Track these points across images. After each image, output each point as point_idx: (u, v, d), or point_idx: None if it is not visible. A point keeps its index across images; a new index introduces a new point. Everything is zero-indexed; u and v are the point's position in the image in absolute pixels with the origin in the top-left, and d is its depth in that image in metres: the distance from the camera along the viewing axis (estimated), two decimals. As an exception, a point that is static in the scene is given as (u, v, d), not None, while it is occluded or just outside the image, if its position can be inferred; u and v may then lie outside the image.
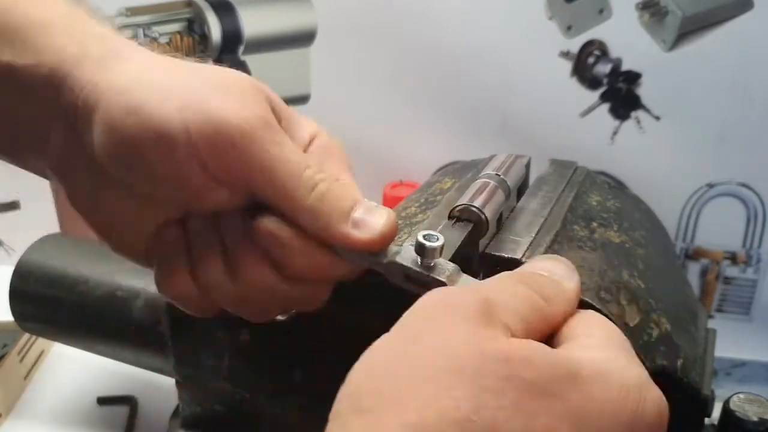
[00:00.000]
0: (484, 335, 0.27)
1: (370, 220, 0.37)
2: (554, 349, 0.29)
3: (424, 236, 0.36)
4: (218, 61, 0.89)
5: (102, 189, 0.39)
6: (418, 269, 0.36)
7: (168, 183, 0.37)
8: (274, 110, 0.39)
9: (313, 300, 0.41)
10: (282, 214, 0.37)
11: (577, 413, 0.26)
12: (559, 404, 0.26)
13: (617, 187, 0.61)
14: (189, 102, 0.36)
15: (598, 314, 0.32)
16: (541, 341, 0.29)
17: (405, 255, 0.37)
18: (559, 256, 0.35)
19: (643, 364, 0.30)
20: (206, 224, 0.39)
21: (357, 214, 0.37)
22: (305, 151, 0.40)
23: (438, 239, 0.36)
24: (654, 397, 0.28)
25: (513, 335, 0.28)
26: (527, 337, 0.29)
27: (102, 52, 0.37)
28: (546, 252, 0.42)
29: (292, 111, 0.41)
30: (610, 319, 0.38)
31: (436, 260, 0.36)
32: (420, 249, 0.36)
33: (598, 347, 0.29)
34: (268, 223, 0.37)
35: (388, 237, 0.37)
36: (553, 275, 0.32)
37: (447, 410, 0.24)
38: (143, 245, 0.41)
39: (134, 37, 0.89)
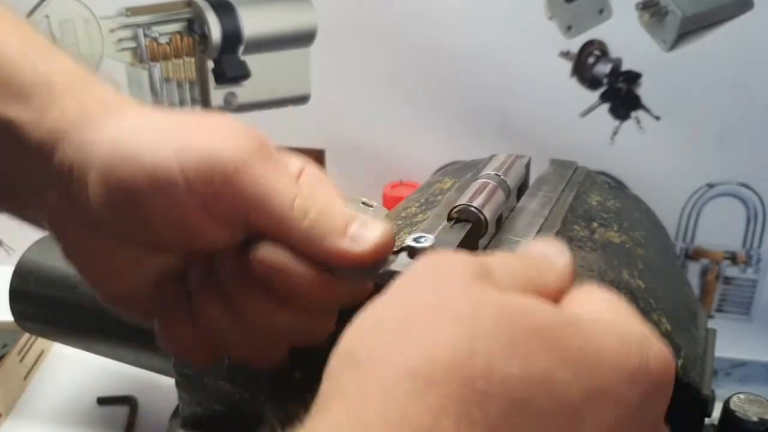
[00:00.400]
0: (479, 289, 0.27)
1: (365, 233, 0.37)
2: (552, 304, 0.28)
3: (414, 239, 0.36)
4: (218, 61, 0.89)
5: (98, 243, 0.39)
6: None
7: (167, 228, 0.37)
8: (262, 146, 0.39)
9: (318, 332, 0.41)
10: (279, 243, 0.37)
11: (577, 359, 0.25)
12: (558, 349, 0.25)
13: (617, 187, 0.61)
14: (182, 144, 0.37)
15: (596, 286, 0.31)
16: None
17: (399, 261, 0.37)
18: (546, 238, 0.34)
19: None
20: (205, 272, 0.40)
21: (352, 229, 0.37)
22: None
23: (427, 240, 0.36)
24: (658, 351, 0.27)
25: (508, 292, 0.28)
26: None
27: (99, 112, 0.38)
28: (546, 252, 0.42)
29: (278, 147, 0.42)
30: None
31: None
32: (410, 252, 0.36)
33: (598, 306, 0.29)
34: (265, 252, 0.37)
35: (385, 248, 0.37)
36: (543, 253, 0.32)
37: (440, 356, 0.24)
38: (142, 299, 0.41)
39: (134, 37, 0.89)
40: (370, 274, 0.38)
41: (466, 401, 0.23)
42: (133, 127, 0.38)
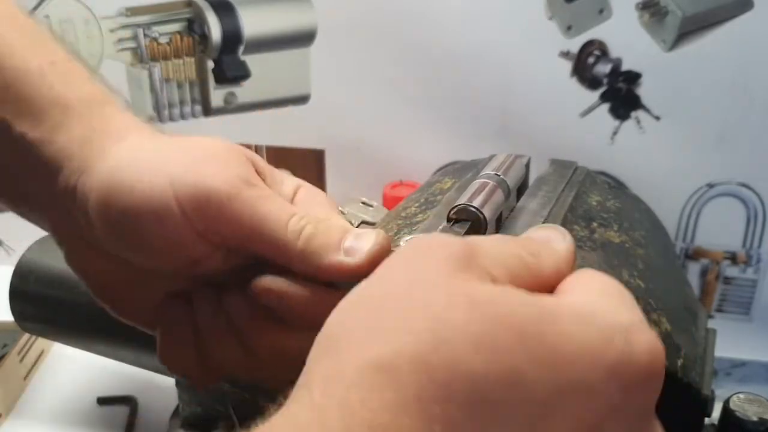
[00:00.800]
0: (456, 276, 0.26)
1: (361, 245, 0.37)
2: (532, 293, 0.27)
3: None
4: (218, 61, 0.89)
5: (101, 259, 0.40)
6: None
7: (165, 253, 0.38)
8: (256, 169, 0.40)
9: None
10: (278, 266, 0.38)
11: (548, 353, 0.24)
12: (528, 343, 0.24)
13: (617, 187, 0.61)
14: (177, 174, 0.37)
15: (596, 271, 0.30)
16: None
17: None
18: (550, 224, 0.34)
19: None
20: (212, 299, 0.40)
21: (347, 242, 0.37)
22: (291, 202, 0.41)
23: None
24: (645, 342, 0.26)
25: (494, 281, 0.27)
26: (511, 284, 0.27)
27: (104, 138, 0.39)
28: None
29: (273, 168, 0.42)
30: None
31: None
32: None
33: (586, 292, 0.28)
34: (264, 281, 0.38)
35: (380, 256, 0.37)
36: (544, 237, 0.32)
37: (406, 347, 0.23)
38: (147, 315, 0.42)
39: (134, 36, 0.89)
40: None
41: (427, 397, 0.23)
42: (132, 157, 0.39)
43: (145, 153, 0.39)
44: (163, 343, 0.41)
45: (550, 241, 0.31)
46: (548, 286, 0.29)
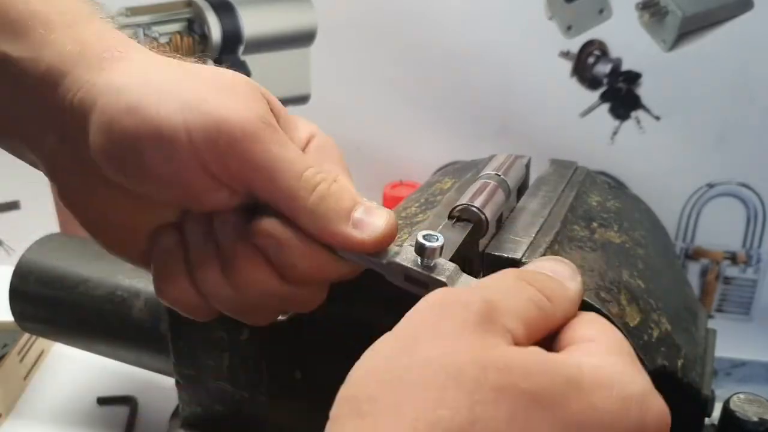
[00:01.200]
0: (482, 343, 0.27)
1: (370, 220, 0.37)
2: (555, 355, 0.28)
3: (423, 236, 0.36)
4: (218, 61, 0.89)
5: (96, 189, 0.38)
6: (418, 269, 0.36)
7: (167, 184, 0.36)
8: (272, 111, 0.38)
9: (311, 301, 0.40)
10: (281, 215, 0.37)
11: (576, 424, 0.25)
12: (558, 414, 0.25)
13: (617, 187, 0.61)
14: (189, 102, 0.35)
15: (600, 317, 0.31)
16: (542, 340, 0.29)
17: (405, 255, 0.37)
18: (562, 258, 0.34)
19: (643, 364, 0.30)
20: (203, 228, 0.39)
21: (357, 214, 0.37)
22: (303, 150, 0.40)
23: (438, 239, 0.36)
24: (657, 409, 0.28)
25: (514, 338, 0.28)
26: (528, 337, 0.29)
27: (101, 52, 0.37)
28: (546, 252, 0.42)
29: (288, 113, 0.41)
30: (611, 321, 0.38)
31: (436, 260, 0.36)
32: (420, 249, 0.36)
33: (600, 353, 0.29)
34: (267, 224, 0.37)
35: (388, 238, 0.37)
36: (556, 275, 0.32)
37: (441, 420, 0.24)
38: (139, 247, 0.40)
39: (134, 36, 0.89)
40: (369, 261, 0.38)
41: None
42: (140, 76, 0.36)
43: (156, 74, 0.37)
44: (158, 276, 0.40)
45: (563, 281, 0.32)
46: (558, 327, 0.31)
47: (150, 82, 0.36)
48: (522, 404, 0.25)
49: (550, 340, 0.30)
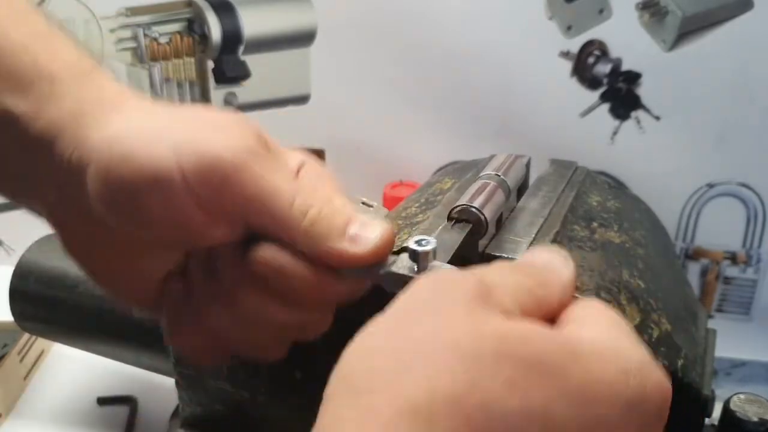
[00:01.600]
0: (479, 315, 0.26)
1: (365, 234, 0.37)
2: (553, 329, 0.28)
3: (415, 242, 0.36)
4: (218, 61, 0.89)
5: (99, 240, 0.39)
6: (414, 275, 0.36)
7: (166, 225, 0.37)
8: (261, 141, 0.39)
9: (317, 326, 0.41)
10: (279, 242, 0.37)
11: (575, 391, 0.25)
12: (557, 381, 0.25)
13: (617, 187, 0.61)
14: (180, 142, 0.36)
15: (596, 301, 0.31)
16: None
17: (401, 263, 0.37)
18: (552, 248, 0.34)
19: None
20: (204, 267, 0.40)
21: (352, 230, 0.37)
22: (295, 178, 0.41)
23: (428, 243, 0.36)
24: (657, 380, 0.27)
25: (510, 317, 0.28)
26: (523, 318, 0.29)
27: (97, 108, 0.38)
28: (546, 252, 0.42)
29: (277, 143, 0.42)
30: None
31: (432, 263, 0.36)
32: (413, 255, 0.36)
33: (598, 328, 0.29)
34: (265, 252, 0.37)
35: (384, 249, 0.37)
36: (548, 263, 0.32)
37: (440, 389, 0.24)
38: (147, 295, 0.41)
39: (134, 37, 0.89)
40: (369, 274, 0.38)
41: None
42: (131, 126, 0.37)
43: (146, 121, 0.38)
44: (169, 326, 0.41)
45: (556, 269, 0.32)
46: (554, 314, 0.30)
47: (142, 131, 0.37)
48: (521, 371, 0.25)
49: (546, 324, 0.30)
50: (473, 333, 0.26)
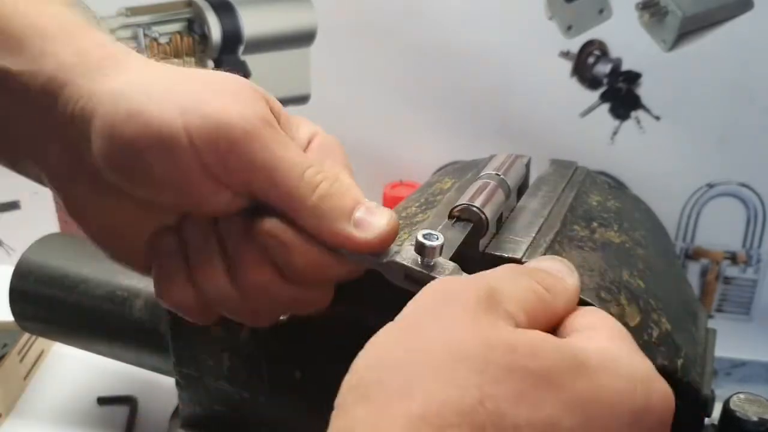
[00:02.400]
0: (487, 324, 0.27)
1: (372, 220, 0.37)
2: (560, 338, 0.28)
3: (423, 235, 0.36)
4: (218, 61, 0.89)
5: (99, 197, 0.38)
6: (418, 268, 0.36)
7: (169, 188, 0.36)
8: (272, 111, 0.38)
9: (316, 302, 0.40)
10: (283, 215, 0.37)
11: (583, 402, 0.26)
12: (565, 393, 0.25)
13: (617, 187, 0.61)
14: (189, 105, 0.35)
15: (600, 310, 0.32)
16: (544, 331, 0.29)
17: (405, 254, 0.37)
18: (558, 257, 0.35)
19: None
20: (204, 230, 0.39)
21: (359, 214, 0.37)
22: (305, 150, 0.40)
23: (438, 238, 0.36)
24: (662, 390, 0.28)
25: (516, 324, 0.28)
26: (529, 325, 0.29)
27: (100, 61, 0.37)
28: (546, 252, 0.42)
29: (288, 113, 0.41)
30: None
31: (436, 259, 0.36)
32: (420, 248, 0.36)
33: (604, 339, 0.29)
34: (270, 224, 0.37)
35: (390, 237, 0.37)
36: (553, 271, 0.33)
37: (451, 400, 0.24)
38: (141, 253, 0.40)
39: (134, 37, 0.89)
40: (371, 261, 0.38)
41: None
42: (139, 82, 0.36)
43: (153, 78, 0.37)
44: (158, 280, 0.40)
45: (561, 276, 0.32)
46: (558, 320, 0.31)
47: (149, 88, 0.36)
48: (530, 383, 0.25)
49: (551, 332, 0.31)
50: (482, 343, 0.26)
